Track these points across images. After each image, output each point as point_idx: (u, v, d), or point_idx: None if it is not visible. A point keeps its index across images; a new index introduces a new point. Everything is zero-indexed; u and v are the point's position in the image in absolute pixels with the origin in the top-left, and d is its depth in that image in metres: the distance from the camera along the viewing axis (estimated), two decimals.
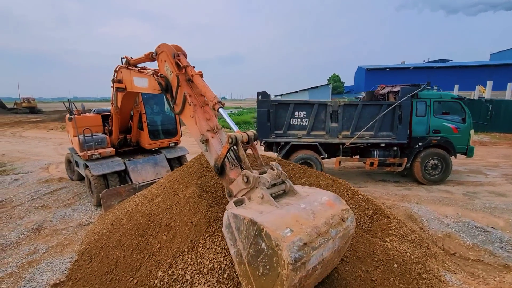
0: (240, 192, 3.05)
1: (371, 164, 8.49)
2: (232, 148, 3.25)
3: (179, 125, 8.45)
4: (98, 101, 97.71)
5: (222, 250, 3.19)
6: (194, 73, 3.74)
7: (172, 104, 4.02)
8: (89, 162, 6.76)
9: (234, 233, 2.66)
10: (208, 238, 3.37)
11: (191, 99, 3.70)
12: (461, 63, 45.42)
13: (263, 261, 2.39)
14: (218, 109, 3.48)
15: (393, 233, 4.35)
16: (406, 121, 8.28)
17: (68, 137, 8.38)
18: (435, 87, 9.20)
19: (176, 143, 8.41)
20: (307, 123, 8.47)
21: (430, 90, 8.84)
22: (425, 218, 5.93)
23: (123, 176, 7.16)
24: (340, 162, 8.69)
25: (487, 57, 55.80)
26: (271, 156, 6.48)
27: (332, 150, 8.84)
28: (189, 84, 3.88)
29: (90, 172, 6.62)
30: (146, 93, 7.41)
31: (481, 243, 4.96)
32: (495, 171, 9.98)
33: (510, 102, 17.86)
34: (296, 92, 31.64)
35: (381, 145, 8.70)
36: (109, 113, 7.60)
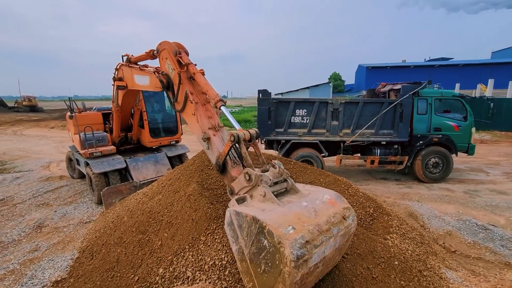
0: (242, 190, 3.05)
1: (372, 162, 8.48)
2: (234, 146, 3.25)
3: (180, 123, 8.44)
4: (99, 100, 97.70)
5: (223, 247, 3.19)
6: (196, 71, 3.74)
7: (174, 102, 4.01)
8: (90, 160, 6.77)
9: (236, 231, 2.66)
10: (209, 235, 3.37)
11: (193, 97, 3.69)
12: (462, 62, 45.15)
13: (265, 258, 2.40)
14: (220, 107, 3.48)
15: (394, 231, 4.35)
16: (407, 119, 8.26)
17: (69, 135, 8.38)
18: (436, 85, 9.17)
19: (177, 141, 8.40)
20: (308, 121, 8.45)
21: (431, 88, 8.81)
22: (426, 216, 5.93)
23: (124, 174, 7.17)
24: (341, 160, 8.67)
25: (489, 55, 55.52)
26: (272, 154, 6.47)
27: (333, 148, 8.83)
28: (191, 82, 3.87)
29: (91, 170, 6.63)
30: (147, 91, 7.40)
31: (482, 241, 4.97)
32: (496, 169, 9.97)
33: None
34: (297, 91, 31.55)
35: (382, 143, 8.69)
36: (110, 111, 7.60)
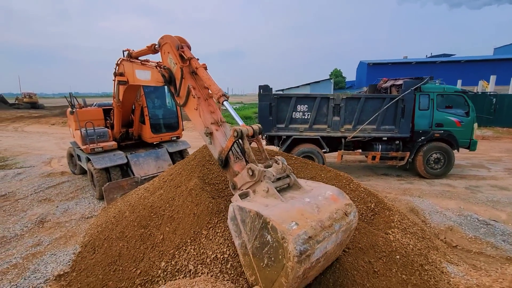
0: (245, 185, 3.05)
1: (373, 158, 8.46)
2: (237, 141, 3.24)
3: (181, 119, 8.42)
4: (99, 96, 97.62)
5: (225, 241, 3.20)
6: (198, 66, 3.71)
7: (176, 97, 3.99)
8: (91, 156, 6.77)
9: (239, 225, 2.67)
10: (211, 229, 3.38)
11: (195, 92, 3.67)
12: (464, 58, 44.85)
13: (268, 253, 2.42)
14: (223, 102, 3.46)
15: (396, 226, 4.35)
16: (409, 115, 8.22)
17: (70, 131, 8.38)
18: (438, 81, 9.11)
19: (178, 137, 8.39)
20: (309, 117, 8.42)
21: (433, 84, 8.76)
22: (427, 211, 5.93)
23: (125, 170, 7.18)
24: (342, 156, 8.65)
25: (491, 52, 55.09)
26: (273, 150, 6.46)
27: (334, 144, 8.81)
28: (193, 77, 3.85)
29: (92, 166, 6.64)
30: (148, 87, 7.37)
31: (483, 236, 4.96)
32: (498, 165, 9.96)
33: None
34: (298, 87, 31.48)
35: (384, 139, 8.65)
36: (111, 107, 7.58)
